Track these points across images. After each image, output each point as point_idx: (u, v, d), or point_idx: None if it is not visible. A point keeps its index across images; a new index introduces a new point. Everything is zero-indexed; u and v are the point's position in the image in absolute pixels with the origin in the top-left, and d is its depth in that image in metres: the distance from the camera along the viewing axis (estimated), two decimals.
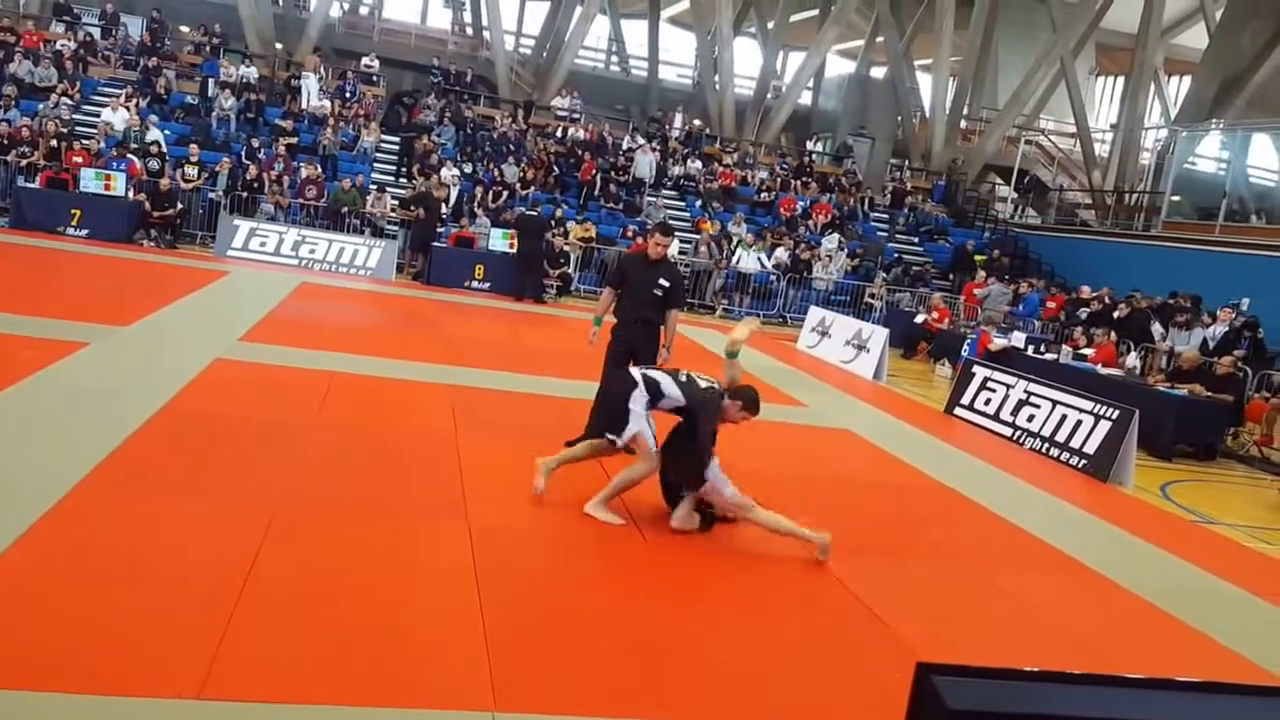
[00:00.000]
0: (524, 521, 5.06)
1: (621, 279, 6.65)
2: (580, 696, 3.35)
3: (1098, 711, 1.40)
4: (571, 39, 25.27)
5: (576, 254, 17.16)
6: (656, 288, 6.50)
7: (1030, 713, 1.39)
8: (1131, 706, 1.44)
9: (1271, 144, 19.55)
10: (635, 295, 6.53)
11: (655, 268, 6.58)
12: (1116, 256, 19.23)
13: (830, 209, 21.61)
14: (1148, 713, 1.44)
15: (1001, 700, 1.38)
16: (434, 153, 18.83)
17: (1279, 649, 4.90)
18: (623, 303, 6.62)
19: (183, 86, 19.93)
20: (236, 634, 3.35)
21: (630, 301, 6.56)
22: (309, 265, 15.18)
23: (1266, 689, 1.59)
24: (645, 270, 6.57)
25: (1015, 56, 27.56)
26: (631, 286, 6.55)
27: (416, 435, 6.41)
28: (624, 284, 6.61)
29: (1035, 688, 1.42)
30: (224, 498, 4.66)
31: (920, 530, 6.22)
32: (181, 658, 3.16)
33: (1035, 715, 1.39)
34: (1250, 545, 6.94)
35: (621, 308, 6.64)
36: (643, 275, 6.54)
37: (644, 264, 6.64)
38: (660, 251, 6.61)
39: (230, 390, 6.83)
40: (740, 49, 29.51)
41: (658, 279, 6.51)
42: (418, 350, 9.52)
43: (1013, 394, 9.76)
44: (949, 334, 15.02)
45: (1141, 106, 24.61)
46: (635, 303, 6.54)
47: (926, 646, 4.19)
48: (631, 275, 6.59)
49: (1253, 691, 1.56)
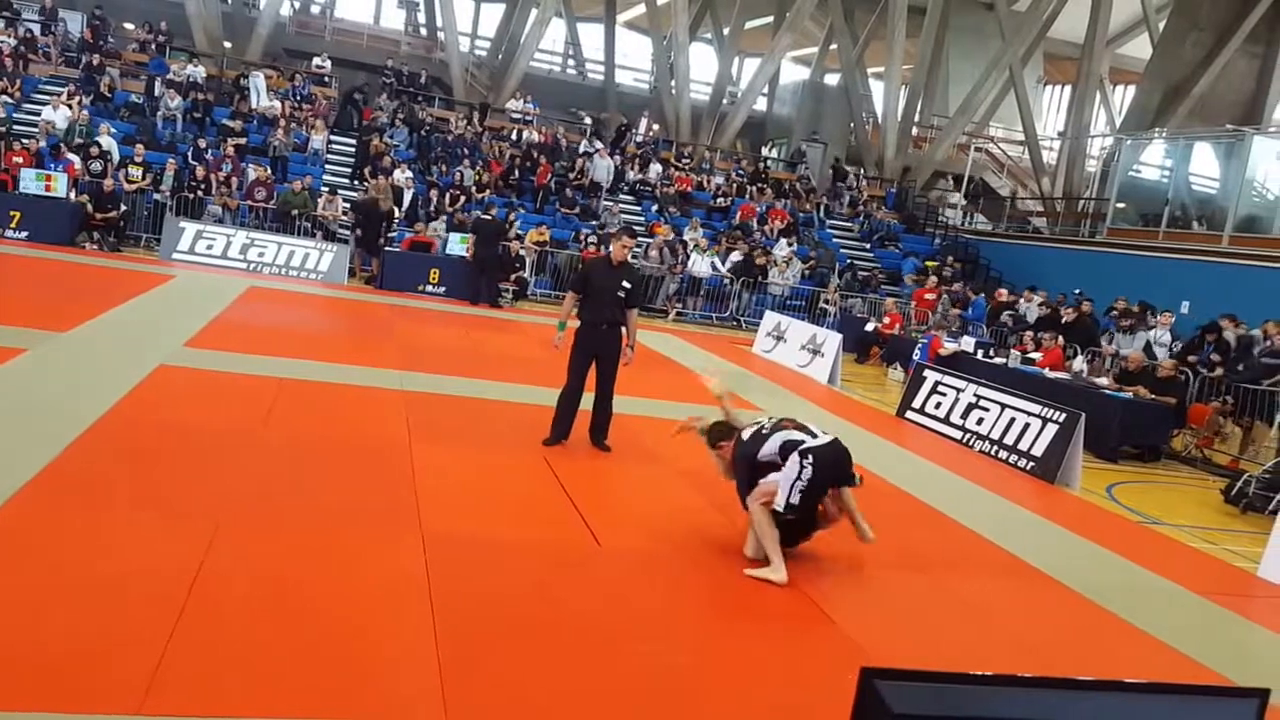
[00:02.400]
0: (478, 530, 4.98)
1: (584, 284, 6.81)
2: (531, 707, 3.31)
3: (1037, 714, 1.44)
4: (527, 41, 25.15)
5: (532, 258, 17.06)
6: (620, 290, 6.70)
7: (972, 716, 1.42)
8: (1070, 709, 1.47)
9: (1212, 153, 20.09)
10: (599, 298, 6.71)
11: (618, 271, 6.80)
12: (1064, 262, 19.62)
13: (785, 214, 21.76)
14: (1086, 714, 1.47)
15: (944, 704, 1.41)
16: (387, 154, 18.60)
17: (1222, 647, 5.01)
18: (587, 306, 6.78)
19: (128, 85, 19.47)
20: (179, 648, 3.26)
21: (594, 305, 6.74)
22: (258, 269, 14.91)
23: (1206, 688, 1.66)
24: (607, 274, 6.77)
25: (965, 65, 28.04)
26: (595, 290, 6.73)
27: (369, 443, 6.30)
28: (587, 289, 6.77)
29: (977, 691, 1.45)
30: (167, 508, 4.55)
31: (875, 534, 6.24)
32: (121, 673, 3.07)
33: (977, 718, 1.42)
34: (1194, 545, 7.08)
35: (586, 311, 6.79)
36: (605, 279, 6.74)
37: (606, 268, 6.85)
38: (624, 254, 6.85)
39: (175, 397, 6.69)
40: (696, 55, 29.62)
41: (621, 281, 6.72)
42: (370, 356, 9.38)
43: (963, 398, 9.90)
44: (901, 339, 15.19)
45: (1088, 115, 25.19)
46: (599, 305, 6.72)
47: (878, 650, 4.20)
48: (594, 280, 6.77)
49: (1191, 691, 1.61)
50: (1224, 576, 6.39)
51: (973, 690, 1.45)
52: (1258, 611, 5.72)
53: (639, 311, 7.02)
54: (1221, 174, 19.41)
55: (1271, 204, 18.29)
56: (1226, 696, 1.64)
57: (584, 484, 6.10)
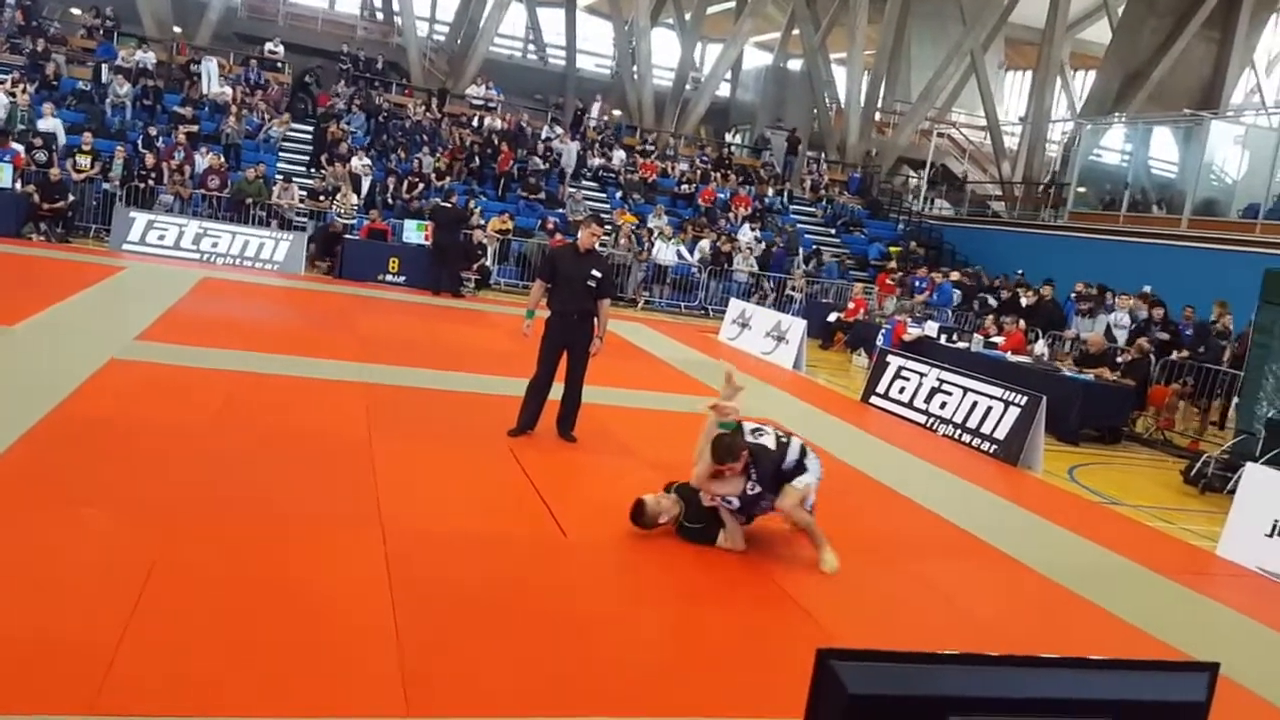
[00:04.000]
0: (442, 524, 4.89)
1: (552, 272, 6.65)
2: (494, 696, 3.27)
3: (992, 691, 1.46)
4: (486, 26, 24.79)
5: (494, 246, 16.83)
6: (589, 279, 6.56)
7: (927, 694, 1.43)
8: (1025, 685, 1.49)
9: (1171, 137, 20.33)
10: (568, 287, 6.57)
11: (586, 259, 6.65)
12: (1026, 246, 19.77)
13: (750, 200, 21.70)
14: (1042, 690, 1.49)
15: (900, 683, 1.42)
16: (344, 141, 18.23)
17: (1181, 625, 5.09)
18: (555, 295, 6.65)
19: (75, 72, 18.90)
20: (133, 646, 3.19)
21: (563, 294, 6.60)
22: (211, 259, 14.55)
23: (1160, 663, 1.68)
24: (576, 262, 6.62)
25: (927, 50, 28.17)
26: (563, 279, 6.58)
27: (327, 437, 6.15)
28: (554, 277, 6.61)
29: (933, 670, 1.47)
30: (119, 506, 4.42)
31: (838, 517, 6.24)
32: (73, 672, 3.00)
33: (932, 698, 1.43)
34: (1154, 525, 7.17)
35: (555, 300, 6.66)
36: (573, 267, 6.59)
37: (574, 255, 6.69)
38: (592, 242, 6.69)
39: (126, 393, 6.50)
40: (658, 40, 29.43)
41: (590, 270, 6.58)
42: (328, 348, 9.19)
43: (926, 382, 9.95)
44: (865, 324, 15.21)
45: (1048, 100, 25.39)
46: (568, 295, 6.58)
47: (842, 633, 4.22)
48: (562, 268, 6.61)
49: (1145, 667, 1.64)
50: (1183, 556, 6.49)
51: (929, 669, 1.46)
52: (1215, 589, 5.81)
53: (610, 301, 6.90)
54: (1180, 158, 19.66)
55: (1229, 188, 18.56)
56: (1179, 670, 1.67)
57: (551, 475, 6.03)
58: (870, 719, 1.42)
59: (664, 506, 4.93)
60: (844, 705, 1.38)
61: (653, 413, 8.37)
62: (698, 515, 4.99)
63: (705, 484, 4.92)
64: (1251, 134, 19.06)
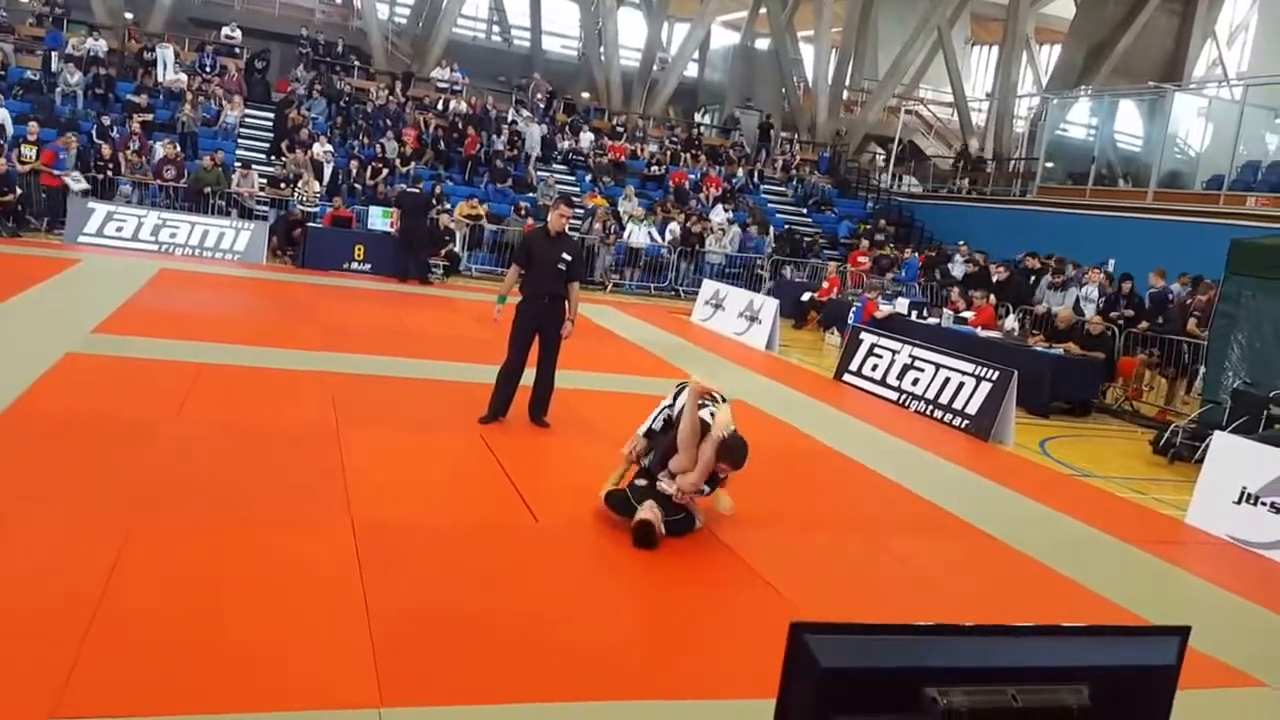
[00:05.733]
0: (412, 514, 4.82)
1: (527, 257, 6.68)
2: (468, 685, 3.22)
3: (965, 661, 1.46)
4: (449, 7, 24.39)
5: (463, 232, 16.59)
6: (560, 262, 6.61)
7: (900, 666, 1.43)
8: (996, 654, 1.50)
9: (1136, 110, 20.43)
10: (540, 270, 6.61)
11: (557, 242, 6.71)
12: (995, 222, 19.82)
13: (720, 181, 21.58)
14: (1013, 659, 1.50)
15: (872, 655, 1.43)
16: (304, 127, 17.87)
17: (1152, 593, 5.17)
18: (528, 279, 6.68)
19: (23, 61, 18.35)
20: (95, 647, 3.12)
21: (535, 277, 6.64)
22: (170, 251, 14.23)
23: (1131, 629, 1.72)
24: (547, 245, 6.67)
25: (894, 27, 28.06)
26: (536, 262, 6.61)
27: (293, 428, 6.07)
28: (529, 261, 6.63)
29: (905, 641, 1.47)
30: (77, 504, 4.31)
31: (812, 495, 6.36)
32: (32, 677, 2.93)
33: (905, 669, 1.43)
34: (1124, 496, 7.23)
35: (527, 284, 6.69)
36: (546, 251, 6.63)
37: (546, 239, 6.74)
38: (561, 224, 6.74)
39: (83, 387, 6.36)
40: (625, 19, 29.14)
41: (561, 253, 6.64)
42: (292, 338, 9.05)
43: (898, 359, 9.98)
44: (838, 302, 15.20)
45: (1014, 75, 25.43)
46: (541, 278, 6.62)
47: (814, 610, 4.19)
48: (536, 252, 6.64)
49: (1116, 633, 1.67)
50: (1153, 525, 6.57)
51: (901, 640, 1.47)
52: (1185, 558, 5.86)
53: (580, 283, 6.93)
54: (1145, 131, 19.78)
55: (1193, 160, 18.69)
56: (1151, 635, 1.69)
57: (522, 461, 5.98)
58: (844, 692, 1.41)
59: (657, 515, 4.72)
60: (817, 678, 1.39)
61: (623, 395, 8.26)
62: (671, 507, 4.83)
63: (696, 481, 4.71)
64: (1214, 106, 19.20)
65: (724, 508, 4.91)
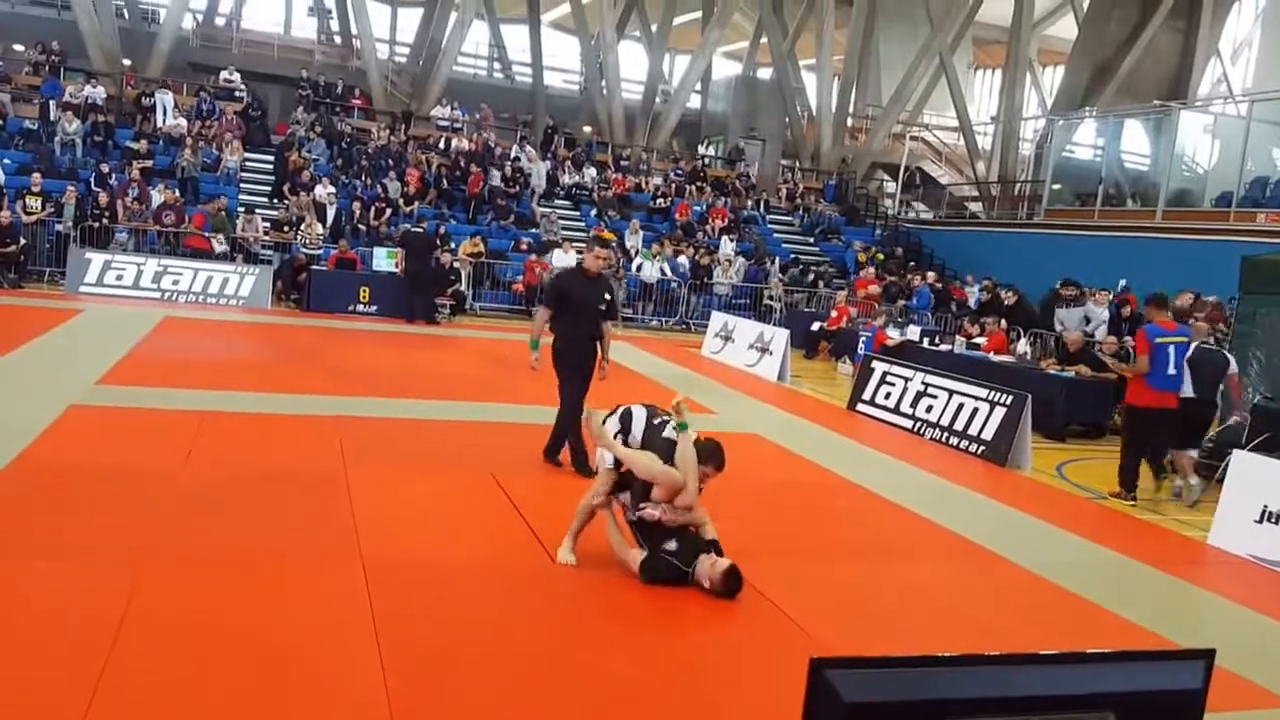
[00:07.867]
0: (424, 554, 4.75)
1: (560, 299, 6.52)
2: None
3: (989, 691, 1.45)
4: (449, 46, 24.42)
5: (467, 271, 16.42)
6: (601, 302, 6.50)
7: (924, 699, 1.41)
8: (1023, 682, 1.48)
9: (1142, 129, 20.27)
10: (581, 313, 6.47)
11: (595, 283, 6.57)
12: (1004, 246, 19.60)
13: (726, 213, 21.44)
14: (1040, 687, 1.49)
15: (895, 689, 1.41)
16: (306, 169, 17.78)
17: (1176, 615, 5.14)
18: (566, 321, 6.51)
19: (21, 111, 18.34)
20: (107, 695, 3.09)
21: (575, 319, 6.48)
22: (173, 297, 14.08)
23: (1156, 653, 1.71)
24: (586, 287, 6.53)
25: (896, 53, 28.08)
26: (576, 305, 6.46)
27: (300, 473, 5.96)
28: (565, 303, 6.48)
29: (928, 673, 1.45)
30: (86, 555, 4.26)
31: (829, 528, 6.34)
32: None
33: (929, 701, 1.41)
34: (1144, 517, 7.11)
35: (565, 326, 6.53)
36: (585, 292, 6.49)
37: (582, 280, 6.61)
38: (598, 265, 6.61)
39: (89, 439, 6.28)
40: (626, 53, 29.21)
41: (601, 294, 6.53)
42: (299, 382, 8.97)
43: (911, 386, 9.83)
44: (848, 331, 14.98)
45: (1019, 98, 25.36)
46: (578, 320, 6.47)
47: (834, 642, 4.18)
48: (575, 294, 6.49)
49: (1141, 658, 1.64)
50: (1175, 546, 6.46)
51: (924, 672, 1.45)
52: (1208, 578, 5.82)
53: (614, 324, 6.84)
54: (1152, 150, 19.62)
55: (1201, 177, 18.50)
56: (1176, 659, 1.67)
57: (536, 500, 5.86)
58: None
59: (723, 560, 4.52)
60: (840, 715, 1.38)
61: None
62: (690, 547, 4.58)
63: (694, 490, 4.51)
64: (1220, 122, 19.05)
65: None
